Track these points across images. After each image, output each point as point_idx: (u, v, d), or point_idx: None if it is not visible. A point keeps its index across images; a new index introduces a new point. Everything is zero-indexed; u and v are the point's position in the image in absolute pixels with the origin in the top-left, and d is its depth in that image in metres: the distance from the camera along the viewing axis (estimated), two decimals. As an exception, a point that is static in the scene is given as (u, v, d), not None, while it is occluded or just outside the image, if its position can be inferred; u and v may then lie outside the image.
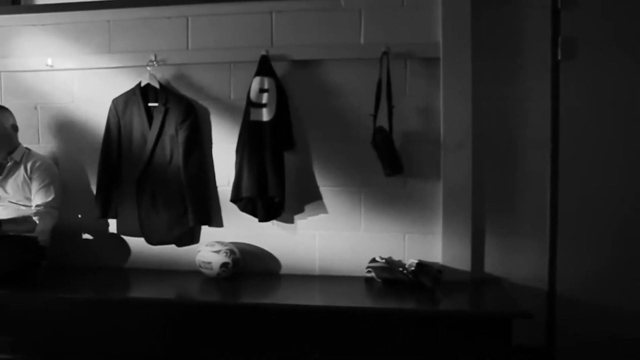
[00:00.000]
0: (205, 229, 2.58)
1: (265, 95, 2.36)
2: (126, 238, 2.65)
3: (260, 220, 2.43)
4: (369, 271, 2.38)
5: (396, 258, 2.43)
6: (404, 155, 2.34)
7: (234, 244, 2.46)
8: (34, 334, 2.20)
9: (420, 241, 2.43)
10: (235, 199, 2.43)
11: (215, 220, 2.56)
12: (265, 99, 2.36)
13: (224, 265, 2.36)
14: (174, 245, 2.57)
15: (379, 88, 2.33)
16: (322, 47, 2.44)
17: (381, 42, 2.36)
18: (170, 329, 2.14)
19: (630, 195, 2.36)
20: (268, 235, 2.53)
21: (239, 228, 2.54)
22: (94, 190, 2.57)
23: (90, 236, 2.68)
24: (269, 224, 2.49)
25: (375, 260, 2.39)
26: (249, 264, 2.50)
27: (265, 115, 2.36)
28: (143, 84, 2.51)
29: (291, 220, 2.51)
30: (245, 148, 2.39)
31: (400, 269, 2.30)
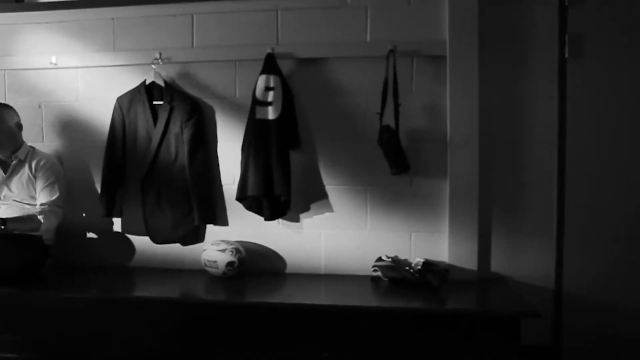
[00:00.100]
0: (210, 228, 2.57)
1: (271, 93, 2.35)
2: (131, 237, 2.64)
3: (266, 219, 2.42)
4: (375, 270, 2.37)
5: (402, 257, 2.42)
6: (410, 154, 2.32)
7: (239, 242, 2.45)
8: (38, 333, 2.20)
9: (427, 240, 2.42)
10: (240, 198, 2.42)
11: (220, 219, 2.55)
12: (271, 97, 2.35)
13: (230, 264, 2.35)
14: (178, 244, 2.57)
15: (385, 86, 2.32)
16: (328, 45, 2.43)
17: (387, 40, 2.34)
18: (175, 328, 2.13)
19: (637, 194, 2.35)
20: (273, 234, 2.52)
21: (244, 227, 2.53)
22: (99, 189, 2.56)
23: (94, 235, 2.68)
24: (274, 223, 2.49)
25: (381, 259, 2.38)
26: (254, 263, 2.49)
27: (271, 113, 2.35)
28: (148, 82, 2.50)
29: (297, 219, 2.50)
30: (250, 146, 2.38)
31: (407, 268, 2.29)
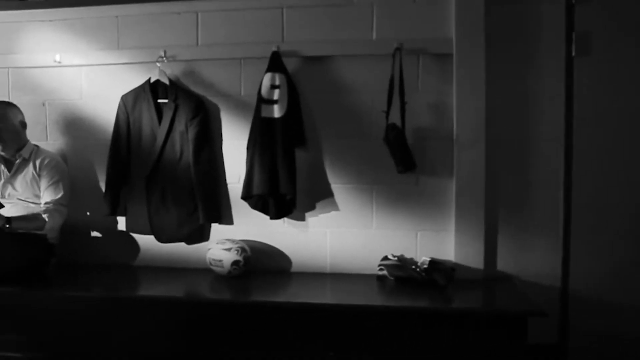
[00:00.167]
0: (215, 227, 2.56)
1: (276, 91, 2.34)
2: (135, 235, 2.63)
3: (272, 218, 2.41)
4: (381, 269, 2.37)
5: (408, 256, 2.41)
6: (416, 152, 2.31)
7: (244, 241, 2.44)
8: (42, 332, 2.20)
9: (433, 239, 2.41)
10: (246, 196, 2.41)
11: (225, 217, 2.54)
12: (276, 95, 2.34)
13: (236, 263, 2.35)
14: (183, 243, 2.56)
15: (392, 84, 2.31)
16: (334, 43, 2.42)
17: (393, 38, 2.33)
18: (180, 327, 2.13)
19: (644, 192, 2.34)
20: (279, 233, 2.52)
21: (249, 225, 2.52)
22: (103, 188, 2.55)
23: (99, 234, 2.67)
24: (279, 222, 2.48)
25: (387, 258, 2.37)
26: (260, 261, 2.48)
27: (276, 111, 2.34)
28: (152, 80, 2.49)
29: (302, 218, 2.49)
30: (256, 145, 2.37)
31: (413, 266, 2.28)
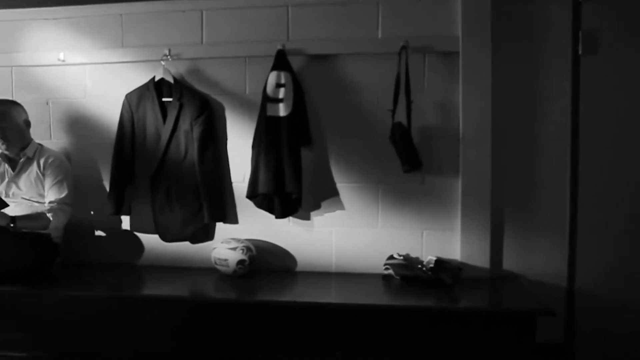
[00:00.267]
0: (219, 226, 2.55)
1: (282, 90, 2.33)
2: (139, 235, 2.62)
3: (277, 217, 2.41)
4: (387, 268, 2.36)
5: (414, 255, 2.40)
6: (422, 151, 2.31)
7: (249, 240, 2.43)
8: (47, 331, 2.19)
9: (439, 238, 2.41)
10: (251, 195, 2.40)
11: (230, 216, 2.53)
12: (282, 94, 2.33)
13: (241, 262, 2.34)
14: (188, 242, 2.55)
15: (398, 83, 2.30)
16: (339, 41, 2.41)
17: (399, 36, 2.33)
18: (185, 326, 2.12)
19: (651, 191, 2.33)
20: (284, 232, 2.51)
21: (254, 225, 2.51)
22: (107, 187, 2.54)
23: (103, 233, 2.66)
24: (284, 221, 2.47)
25: (393, 257, 2.37)
26: (265, 261, 2.48)
27: (282, 110, 2.33)
28: (157, 79, 2.48)
29: (307, 217, 2.49)
30: (261, 144, 2.36)
31: (419, 266, 2.28)
